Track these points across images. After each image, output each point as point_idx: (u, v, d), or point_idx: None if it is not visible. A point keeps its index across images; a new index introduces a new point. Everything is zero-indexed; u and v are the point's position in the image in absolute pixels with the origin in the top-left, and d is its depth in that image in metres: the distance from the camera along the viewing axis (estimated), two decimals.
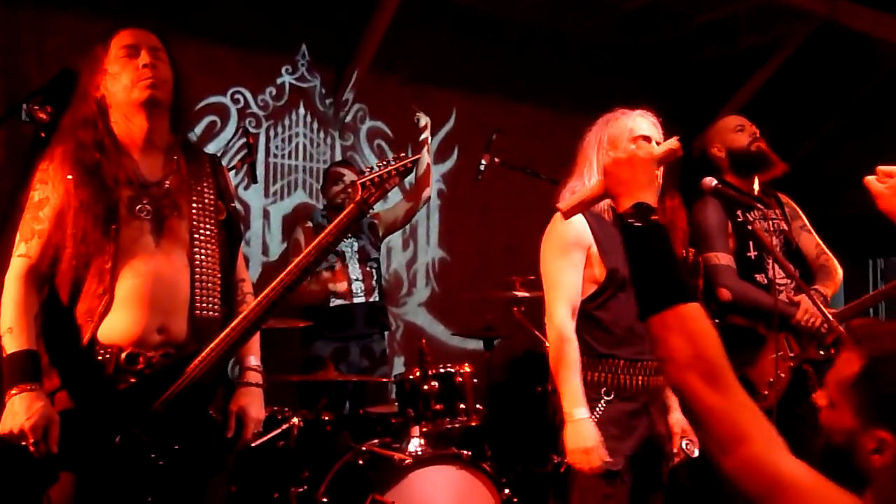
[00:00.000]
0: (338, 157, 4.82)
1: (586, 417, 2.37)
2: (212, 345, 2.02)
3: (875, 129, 6.21)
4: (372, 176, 2.12)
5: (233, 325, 2.03)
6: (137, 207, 2.08)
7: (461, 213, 5.25)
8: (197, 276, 2.11)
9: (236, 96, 4.59)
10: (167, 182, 2.14)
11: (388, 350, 4.73)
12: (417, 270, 5.12)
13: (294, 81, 4.76)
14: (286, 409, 3.57)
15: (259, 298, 2.04)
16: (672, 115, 5.98)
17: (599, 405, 2.42)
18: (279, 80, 4.72)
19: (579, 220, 2.49)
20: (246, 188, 4.51)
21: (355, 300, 4.08)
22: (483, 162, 3.96)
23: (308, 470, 3.45)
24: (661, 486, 2.55)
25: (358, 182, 2.13)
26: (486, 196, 5.10)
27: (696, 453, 2.58)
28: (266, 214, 4.65)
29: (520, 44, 5.43)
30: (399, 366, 4.91)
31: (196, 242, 2.13)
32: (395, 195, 4.44)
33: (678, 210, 4.31)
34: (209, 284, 2.13)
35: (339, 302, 4.06)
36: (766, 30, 5.43)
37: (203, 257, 2.14)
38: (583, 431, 2.35)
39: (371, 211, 3.79)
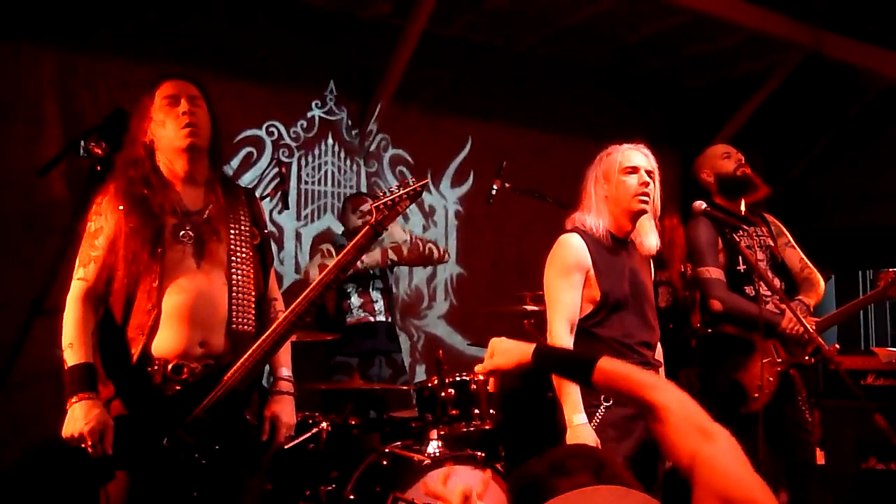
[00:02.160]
0: (363, 183, 4.94)
1: (585, 423, 2.44)
2: (245, 356, 2.12)
3: (860, 150, 6.24)
4: (385, 200, 2.22)
5: (263, 337, 2.13)
6: (181, 233, 2.19)
7: (477, 232, 5.34)
8: (234, 295, 2.22)
9: (270, 129, 4.72)
10: (207, 211, 2.25)
11: (410, 359, 4.83)
12: (437, 286, 5.21)
13: (323, 115, 4.89)
14: (316, 413, 3.67)
15: (286, 313, 2.15)
16: (670, 140, 6.12)
17: (599, 410, 2.49)
18: (309, 114, 4.85)
19: (580, 244, 2.58)
20: (280, 213, 4.63)
21: (378, 318, 4.19)
22: (494, 187, 4.05)
23: (336, 470, 3.54)
24: (657, 486, 2.61)
25: (373, 206, 2.23)
26: (499, 217, 5.18)
27: None
28: (298, 236, 4.77)
29: (528, 74, 5.54)
30: (420, 374, 4.99)
31: (233, 264, 2.24)
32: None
33: (676, 229, 4.41)
34: (244, 302, 2.24)
35: (362, 317, 4.17)
36: (758, 60, 5.50)
37: (239, 277, 2.24)
38: (582, 436, 2.42)
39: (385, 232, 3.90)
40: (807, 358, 3.09)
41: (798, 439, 3.15)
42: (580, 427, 2.43)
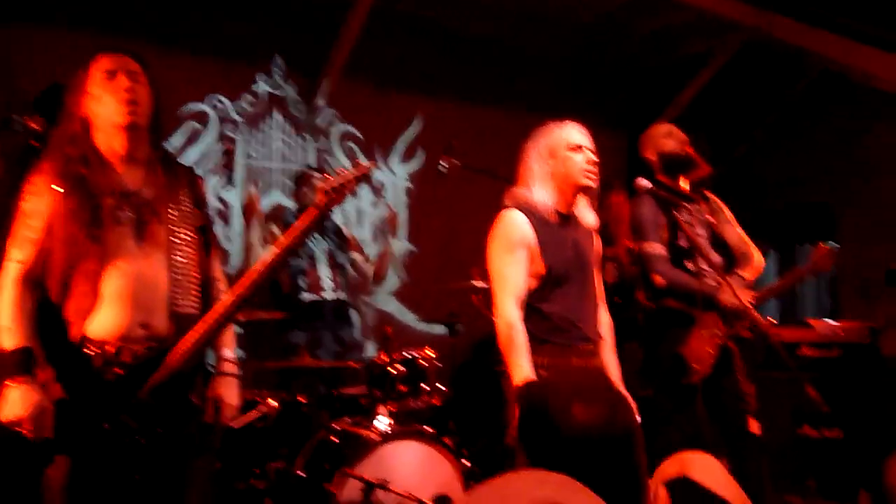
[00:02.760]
0: (311, 159, 4.89)
1: None
2: (188, 337, 2.09)
3: (802, 130, 6.40)
4: (332, 183, 2.20)
5: (206, 319, 2.11)
6: (120, 214, 2.14)
7: (427, 209, 5.34)
8: (175, 276, 2.18)
9: (216, 103, 4.63)
10: (147, 191, 2.20)
11: (361, 336, 4.83)
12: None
13: (270, 89, 4.82)
14: (265, 392, 3.66)
15: (230, 295, 2.12)
16: (618, 118, 6.17)
17: None
18: (256, 88, 4.77)
19: (522, 220, 2.61)
20: (225, 189, 4.56)
21: (326, 295, 4.18)
22: (443, 163, 4.05)
23: (286, 447, 3.54)
24: None
25: (318, 188, 2.20)
26: (449, 194, 5.18)
27: (638, 420, 2.70)
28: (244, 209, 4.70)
29: (478, 52, 5.52)
30: (371, 350, 5.00)
31: (174, 245, 2.20)
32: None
33: (623, 205, 4.46)
34: (186, 283, 2.20)
35: (311, 297, 4.16)
36: (704, 40, 5.57)
37: (180, 259, 2.20)
38: None
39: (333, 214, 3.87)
40: (744, 331, 3.18)
41: (736, 409, 3.25)
42: None
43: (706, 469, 1.42)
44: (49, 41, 4.05)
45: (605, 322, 2.82)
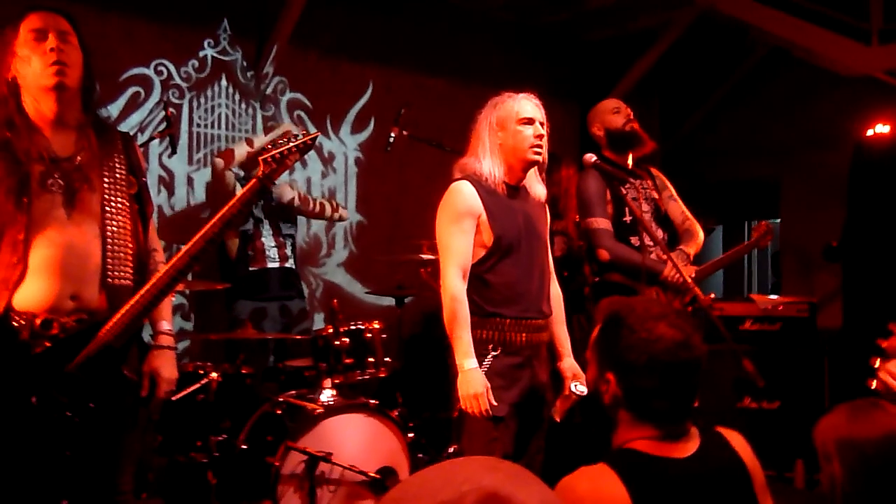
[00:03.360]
0: (259, 127, 4.78)
1: (475, 367, 2.48)
2: (122, 310, 2.03)
3: (748, 106, 6.49)
4: (273, 152, 2.14)
5: (142, 291, 2.05)
6: (49, 181, 2.06)
7: (377, 180, 5.27)
8: (109, 246, 2.11)
9: (160, 68, 4.48)
10: (78, 157, 2.12)
11: (309, 307, 4.78)
12: (336, 233, 5.14)
13: (216, 55, 4.68)
14: (208, 364, 3.60)
15: (167, 267, 2.06)
16: (569, 92, 6.16)
17: (486, 360, 2.54)
18: (201, 53, 4.63)
19: (470, 191, 2.59)
20: (170, 157, 4.44)
21: (270, 265, 4.11)
22: (392, 134, 4.00)
23: (230, 420, 3.50)
24: (542, 429, 2.69)
25: (260, 159, 2.14)
26: (400, 164, 5.14)
27: (585, 392, 2.73)
28: (190, 181, 4.59)
29: (431, 20, 5.43)
30: (319, 322, 4.95)
31: (107, 214, 2.12)
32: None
33: (573, 179, 4.48)
34: (120, 254, 2.13)
35: (255, 267, 4.09)
36: (655, 15, 5.58)
37: (114, 228, 2.13)
38: (472, 380, 2.47)
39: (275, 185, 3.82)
40: (685, 305, 3.23)
41: None
42: (471, 371, 2.47)
43: None
44: None
45: (555, 295, 2.83)
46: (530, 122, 2.60)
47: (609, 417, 1.59)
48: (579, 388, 2.67)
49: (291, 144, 2.15)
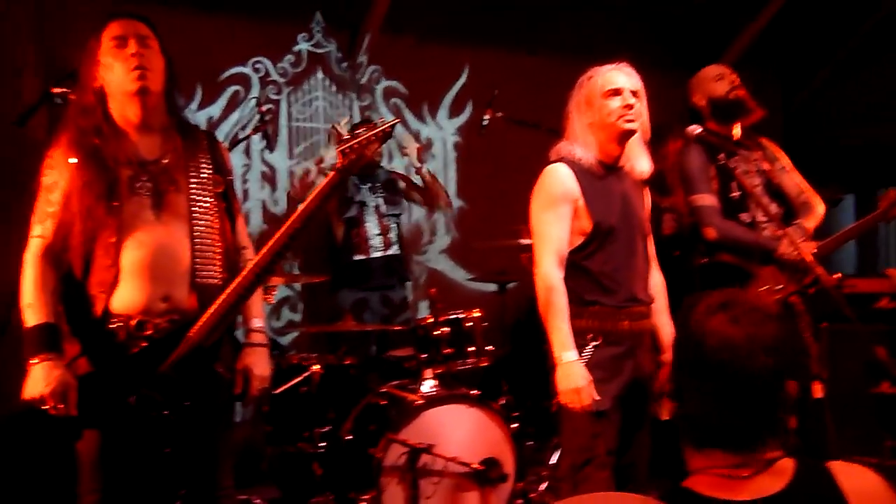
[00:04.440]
0: (356, 118, 4.80)
1: (575, 359, 2.37)
2: (210, 310, 2.06)
3: (876, 65, 5.95)
4: (352, 143, 2.10)
5: (228, 290, 2.06)
6: (137, 185, 2.11)
7: (477, 164, 5.20)
8: (197, 246, 2.14)
9: (257, 66, 4.58)
10: (165, 160, 2.16)
11: (413, 296, 4.78)
12: (438, 220, 5.12)
13: (311, 48, 4.73)
14: (312, 356, 3.66)
15: (250, 265, 2.07)
16: (677, 60, 5.84)
17: (587, 350, 2.42)
18: (296, 48, 4.69)
19: (567, 174, 2.47)
20: (270, 152, 4.53)
21: (373, 254, 4.12)
22: (486, 117, 3.92)
23: (334, 411, 3.54)
24: (647, 424, 2.55)
25: (338, 150, 2.12)
26: (499, 147, 5.03)
27: None
28: (292, 176, 4.68)
29: None
30: (424, 310, 4.95)
31: (194, 214, 2.16)
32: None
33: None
34: (209, 253, 2.16)
35: (359, 257, 4.12)
36: None
37: (202, 228, 2.16)
38: (573, 373, 2.36)
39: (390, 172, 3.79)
40: (806, 286, 2.97)
41: (801, 367, 3.06)
42: (570, 364, 2.37)
43: None
44: (90, 10, 4.03)
45: (657, 282, 2.67)
46: (617, 92, 2.45)
47: None
48: None
49: (370, 133, 2.11)
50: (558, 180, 2.47)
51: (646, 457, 2.53)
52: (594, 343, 2.43)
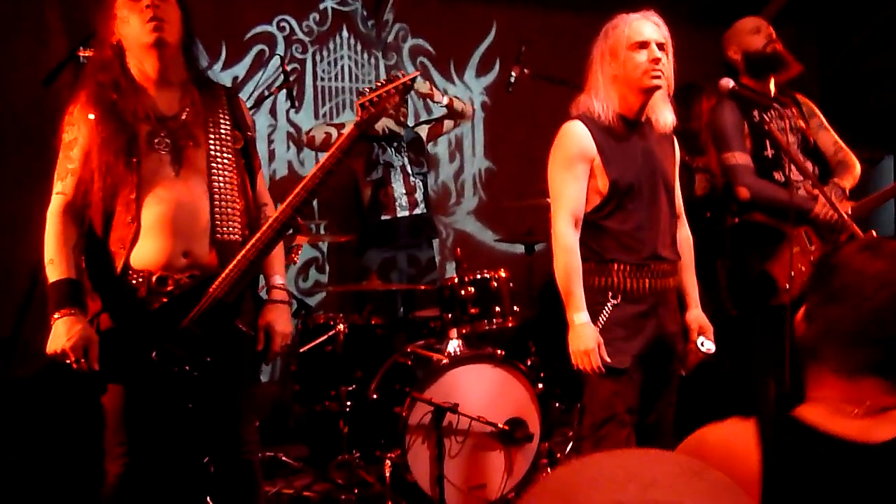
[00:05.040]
0: (382, 77, 4.74)
1: (586, 322, 2.34)
2: (230, 266, 2.06)
3: None
4: (371, 96, 2.08)
5: (248, 246, 2.06)
6: (156, 140, 2.10)
7: (504, 124, 5.12)
8: (216, 202, 2.13)
9: (282, 24, 4.53)
10: (183, 115, 2.14)
11: (440, 257, 4.76)
12: (465, 180, 5.07)
13: (336, 6, 4.67)
14: (339, 315, 3.66)
15: (270, 221, 2.06)
16: (714, 15, 5.66)
17: (606, 308, 2.38)
18: (322, 6, 4.64)
19: (583, 132, 2.41)
20: (296, 112, 4.51)
21: (399, 214, 4.11)
22: (513, 74, 3.84)
23: (361, 370, 3.56)
24: (672, 384, 2.51)
25: (357, 103, 2.08)
26: (528, 106, 4.94)
27: (713, 349, 2.52)
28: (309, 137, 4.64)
29: None
30: (451, 271, 4.93)
31: (213, 170, 2.14)
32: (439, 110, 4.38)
33: None
34: (229, 209, 2.15)
35: (386, 217, 4.10)
36: None
37: (221, 184, 2.15)
38: (583, 335, 2.33)
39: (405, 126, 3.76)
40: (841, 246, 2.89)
41: None
42: (581, 326, 2.34)
43: None
44: None
45: (684, 238, 2.61)
46: (644, 45, 2.35)
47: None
48: (706, 344, 2.46)
49: (390, 86, 2.07)
50: (575, 139, 2.41)
51: (670, 416, 2.50)
52: (613, 301, 2.39)
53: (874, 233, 2.71)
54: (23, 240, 3.08)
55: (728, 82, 2.76)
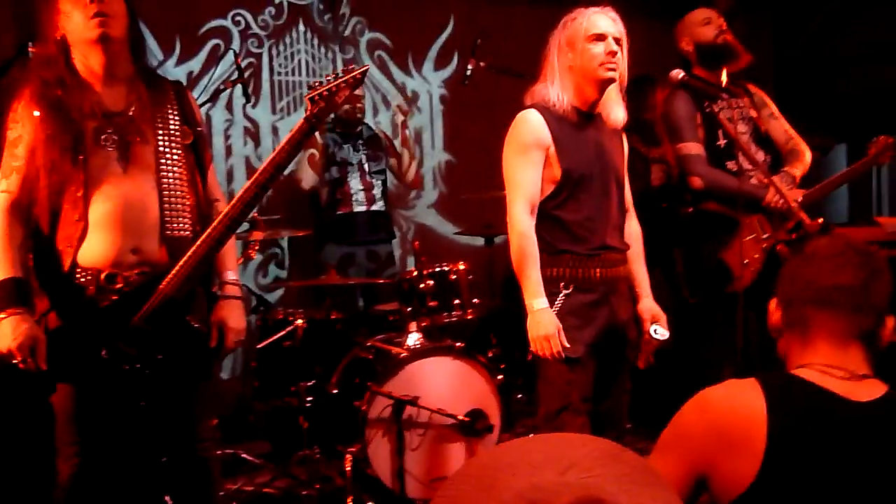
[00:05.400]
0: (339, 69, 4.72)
1: (545, 307, 2.36)
2: (180, 262, 2.04)
3: (869, 12, 5.82)
4: (320, 90, 2.07)
5: (198, 242, 2.04)
6: (103, 137, 2.07)
7: (464, 117, 5.12)
8: (165, 199, 2.11)
9: (237, 18, 4.48)
10: (130, 111, 2.12)
11: (400, 251, 4.76)
12: (425, 174, 5.06)
13: (292, 0, 4.63)
14: (298, 311, 3.65)
15: (221, 216, 2.05)
16: (668, 7, 5.72)
17: (559, 298, 2.41)
18: (277, 0, 4.59)
19: (538, 120, 2.44)
20: (252, 107, 4.47)
21: (356, 209, 4.10)
22: (469, 67, 3.86)
23: (321, 366, 3.55)
24: (625, 371, 2.55)
25: (307, 97, 2.08)
26: (486, 99, 4.94)
27: (667, 335, 2.56)
28: (275, 130, 4.61)
29: None
30: (411, 265, 4.93)
31: (162, 167, 2.12)
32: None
33: None
34: (178, 206, 2.13)
35: (342, 211, 4.09)
36: None
37: (170, 180, 2.13)
38: (542, 320, 2.35)
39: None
40: (789, 231, 2.96)
41: None
42: (540, 312, 2.36)
43: None
44: None
45: (633, 230, 2.65)
46: (601, 38, 2.40)
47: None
48: (660, 331, 2.50)
49: (339, 80, 2.07)
50: (529, 127, 2.44)
51: (624, 403, 2.54)
52: (565, 291, 2.42)
53: (821, 220, 2.78)
54: None
55: (678, 73, 2.81)
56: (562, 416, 2.36)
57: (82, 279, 2.03)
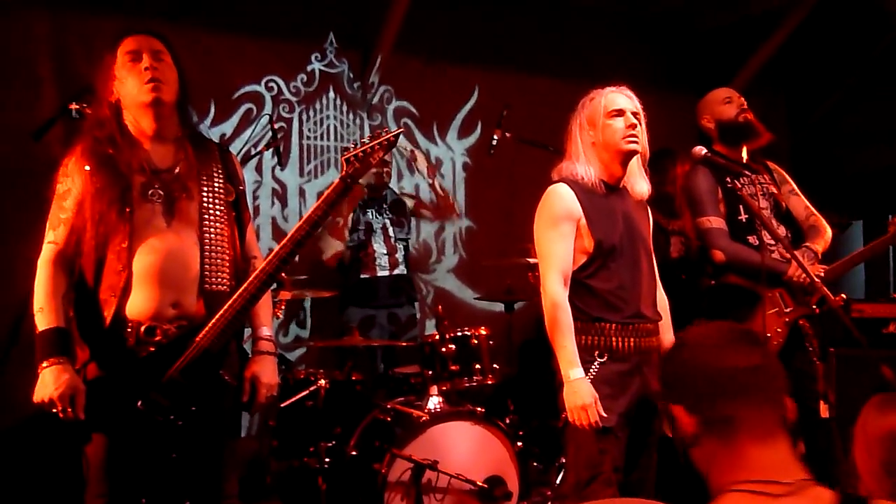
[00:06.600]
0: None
1: (582, 377, 2.38)
2: (216, 316, 2.09)
3: (888, 87, 5.97)
4: (356, 152, 2.15)
5: (234, 296, 2.09)
6: (150, 192, 2.15)
7: (486, 184, 5.24)
8: (206, 253, 2.17)
9: (270, 84, 4.65)
10: (177, 168, 2.20)
11: (420, 314, 4.80)
12: (445, 239, 5.15)
13: (323, 68, 4.81)
14: (319, 371, 3.68)
15: (257, 272, 2.10)
16: (686, 84, 5.88)
17: (593, 367, 2.43)
18: (309, 67, 4.77)
19: (568, 193, 2.51)
20: (282, 169, 4.59)
21: (380, 273, 4.17)
22: (494, 137, 3.96)
23: (340, 426, 3.55)
24: (654, 442, 2.55)
25: (342, 158, 2.16)
26: (508, 167, 5.08)
27: None
28: (302, 192, 4.73)
29: (534, 17, 5.36)
30: (431, 328, 4.97)
31: (205, 222, 2.19)
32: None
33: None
34: (218, 261, 2.19)
35: (365, 275, 4.16)
36: None
37: (212, 235, 2.19)
38: (580, 390, 2.37)
39: (394, 186, 3.84)
40: (812, 308, 2.98)
41: (807, 390, 3.05)
42: (577, 381, 2.38)
43: None
44: (107, 25, 4.12)
45: (662, 301, 2.69)
46: (620, 113, 2.49)
47: None
48: None
49: (374, 142, 2.15)
50: (560, 200, 2.51)
51: (652, 475, 2.53)
52: (600, 360, 2.44)
53: (844, 296, 2.82)
54: (4, 287, 3.10)
55: (701, 150, 2.89)
56: (592, 486, 2.35)
57: (123, 331, 2.08)
